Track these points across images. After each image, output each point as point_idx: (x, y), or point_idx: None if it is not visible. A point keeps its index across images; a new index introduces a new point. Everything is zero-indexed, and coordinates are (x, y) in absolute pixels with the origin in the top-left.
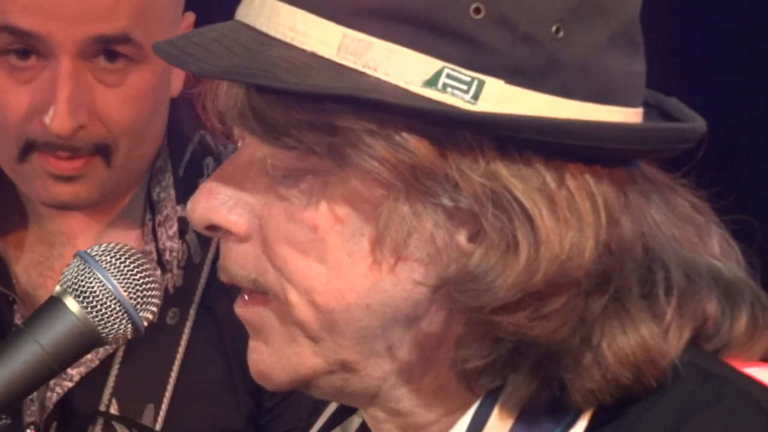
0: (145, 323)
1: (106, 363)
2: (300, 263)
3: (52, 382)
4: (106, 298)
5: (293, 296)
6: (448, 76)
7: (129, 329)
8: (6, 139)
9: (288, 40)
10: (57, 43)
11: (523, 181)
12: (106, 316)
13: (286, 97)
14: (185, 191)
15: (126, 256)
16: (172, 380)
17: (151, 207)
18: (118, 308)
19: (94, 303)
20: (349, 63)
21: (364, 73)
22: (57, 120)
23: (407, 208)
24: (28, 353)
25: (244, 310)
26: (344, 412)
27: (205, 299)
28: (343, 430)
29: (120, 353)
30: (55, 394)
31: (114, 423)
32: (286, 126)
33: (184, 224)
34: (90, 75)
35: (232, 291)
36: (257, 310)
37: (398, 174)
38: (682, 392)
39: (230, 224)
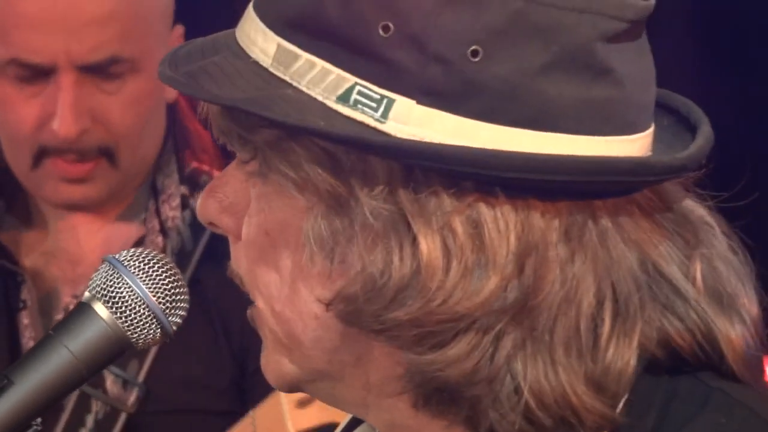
0: (174, 327)
1: None
2: (261, 269)
3: None
4: (135, 303)
5: (260, 303)
6: (359, 92)
7: (158, 334)
8: (20, 148)
9: (244, 47)
10: (60, 65)
11: (419, 207)
12: (136, 321)
13: (223, 107)
14: (190, 181)
15: (154, 261)
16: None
17: (155, 193)
18: (147, 313)
19: (123, 308)
20: (280, 73)
21: (290, 84)
22: (63, 126)
23: (324, 224)
24: (58, 359)
25: (249, 315)
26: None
27: (195, 275)
28: (369, 426)
29: None
30: None
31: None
32: (227, 134)
33: (185, 199)
34: (91, 84)
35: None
36: (251, 314)
37: (304, 191)
38: (709, 424)
39: (222, 223)
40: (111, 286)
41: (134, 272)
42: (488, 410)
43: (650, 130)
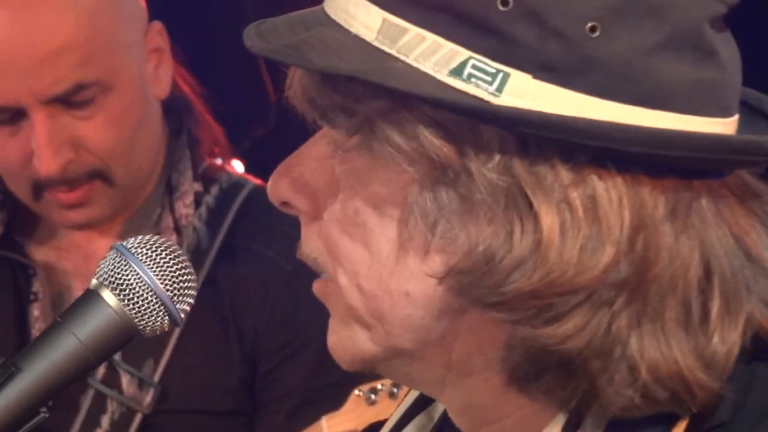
0: (182, 315)
1: None
2: (347, 245)
3: None
4: (143, 290)
5: (343, 279)
6: (474, 66)
7: (166, 321)
8: (17, 183)
9: (341, 22)
10: (26, 104)
11: (537, 180)
12: (143, 308)
13: (324, 78)
14: (203, 179)
15: (162, 248)
16: (173, 340)
17: (169, 189)
18: (154, 300)
19: (131, 295)
20: (386, 47)
21: (397, 58)
22: (43, 163)
23: (430, 196)
24: (66, 346)
25: (316, 288)
26: (428, 397)
27: (211, 274)
28: (427, 415)
29: None
30: None
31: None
32: (324, 107)
33: (199, 196)
34: (64, 114)
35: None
36: (325, 290)
37: (414, 162)
38: None
39: (296, 202)
40: (118, 273)
41: (142, 259)
42: (604, 386)
43: (737, 116)
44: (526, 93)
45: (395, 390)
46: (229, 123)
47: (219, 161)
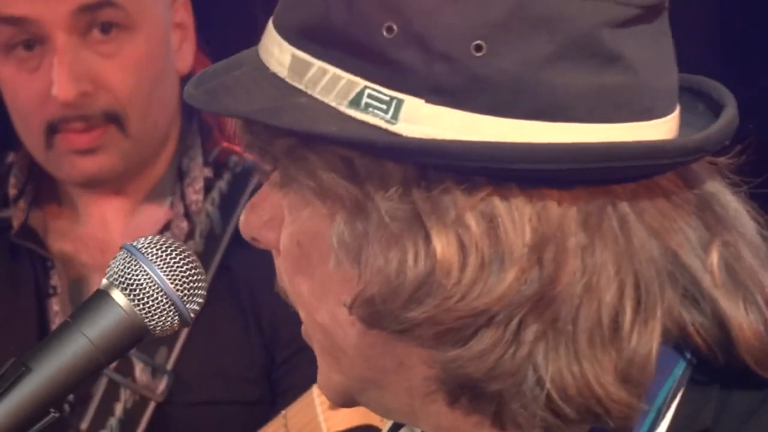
0: (192, 315)
1: None
2: (295, 279)
3: None
4: (153, 290)
5: (302, 314)
6: (369, 96)
7: (176, 321)
8: (31, 129)
9: (264, 60)
10: (49, 23)
11: (432, 205)
12: (153, 308)
13: (242, 120)
14: (216, 162)
15: (172, 248)
16: (186, 328)
17: (180, 176)
18: (164, 300)
19: (141, 295)
20: (296, 83)
21: (305, 93)
22: (61, 89)
23: (348, 229)
24: (75, 346)
25: (302, 333)
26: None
27: (225, 261)
28: (409, 429)
29: None
30: None
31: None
32: (249, 147)
33: (209, 182)
34: (86, 49)
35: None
36: (304, 333)
37: (323, 198)
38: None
39: (263, 238)
40: (128, 273)
41: (152, 259)
42: (512, 404)
43: (672, 116)
44: (420, 118)
45: None
46: None
47: (235, 148)
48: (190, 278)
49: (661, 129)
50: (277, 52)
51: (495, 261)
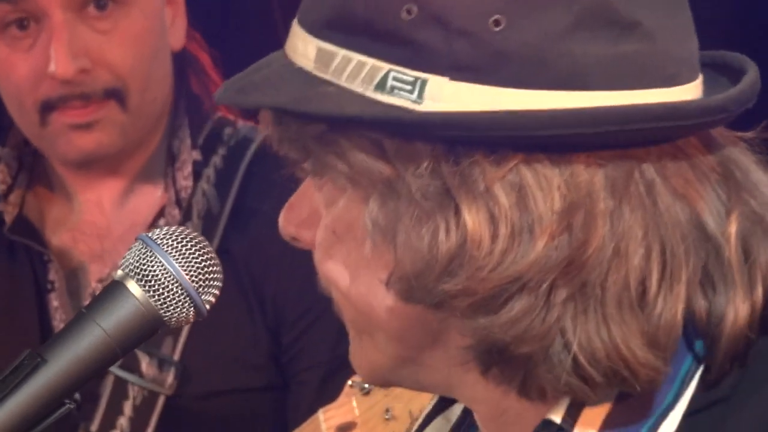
0: (207, 306)
1: None
2: (331, 268)
3: None
4: (168, 281)
5: (338, 298)
6: (394, 78)
7: (191, 312)
8: (24, 108)
9: (290, 57)
10: (45, 0)
11: (461, 179)
12: (168, 299)
13: (273, 114)
14: (204, 149)
15: (187, 239)
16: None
17: (171, 159)
18: (180, 291)
19: (156, 286)
20: (322, 74)
21: (331, 83)
22: (59, 65)
23: (382, 211)
24: (90, 337)
25: (336, 310)
26: (445, 401)
27: (224, 244)
28: (445, 418)
29: None
30: None
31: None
32: (280, 141)
33: (198, 166)
34: (83, 26)
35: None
36: (337, 309)
37: (356, 182)
38: None
39: (302, 237)
40: (144, 264)
41: (167, 250)
42: (538, 369)
43: (694, 83)
44: (444, 95)
45: None
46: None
47: (226, 116)
48: (206, 269)
49: (683, 95)
50: (302, 47)
51: (525, 230)
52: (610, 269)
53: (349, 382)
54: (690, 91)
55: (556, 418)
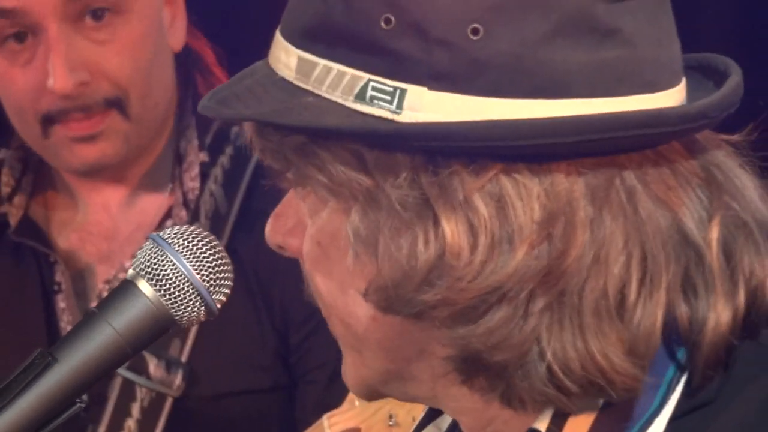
0: (218, 306)
1: None
2: (317, 280)
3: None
4: (179, 280)
5: (325, 312)
6: (374, 88)
7: (202, 311)
8: (26, 121)
9: (273, 67)
10: (40, 13)
11: (440, 189)
12: (179, 298)
13: (255, 125)
14: (211, 149)
15: (199, 238)
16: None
17: (179, 160)
18: (191, 291)
19: (167, 286)
20: (303, 84)
21: (312, 93)
22: (58, 80)
23: (363, 222)
24: (101, 336)
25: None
26: (436, 410)
27: (231, 244)
28: (436, 427)
29: None
30: None
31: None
32: (263, 152)
33: (205, 167)
34: (80, 38)
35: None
36: (330, 329)
37: (337, 193)
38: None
39: (288, 246)
40: (155, 264)
41: (178, 249)
42: (515, 378)
43: (676, 89)
44: (423, 105)
45: None
46: None
47: None
48: (217, 269)
49: (665, 101)
50: (284, 57)
51: (504, 240)
52: (588, 277)
53: None
54: (672, 97)
55: (541, 427)
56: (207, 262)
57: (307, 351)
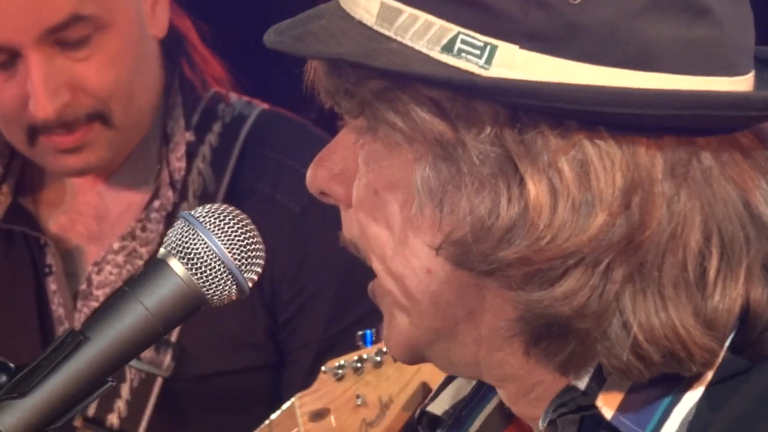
0: (250, 284)
1: None
2: (372, 228)
3: (79, 303)
4: (211, 259)
5: (376, 264)
6: (463, 41)
7: (234, 290)
8: (12, 129)
9: (348, 10)
10: (19, 44)
11: (525, 148)
12: (211, 277)
13: (329, 65)
14: (198, 128)
15: (230, 217)
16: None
17: (165, 140)
18: (222, 269)
19: (199, 264)
20: (384, 30)
21: (394, 39)
22: (39, 107)
23: (433, 173)
24: (133, 315)
25: (370, 291)
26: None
27: None
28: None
29: None
30: (82, 315)
31: None
32: (332, 92)
33: (192, 146)
34: (61, 57)
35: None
36: (374, 290)
37: (413, 141)
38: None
39: (331, 191)
40: (186, 242)
41: (210, 228)
42: (596, 345)
43: (751, 74)
44: (514, 64)
45: (359, 365)
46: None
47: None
48: (248, 247)
49: (742, 85)
50: (364, 1)
51: (585, 205)
52: (667, 251)
53: (323, 369)
54: (747, 82)
55: (580, 385)
56: (238, 240)
57: (293, 331)
